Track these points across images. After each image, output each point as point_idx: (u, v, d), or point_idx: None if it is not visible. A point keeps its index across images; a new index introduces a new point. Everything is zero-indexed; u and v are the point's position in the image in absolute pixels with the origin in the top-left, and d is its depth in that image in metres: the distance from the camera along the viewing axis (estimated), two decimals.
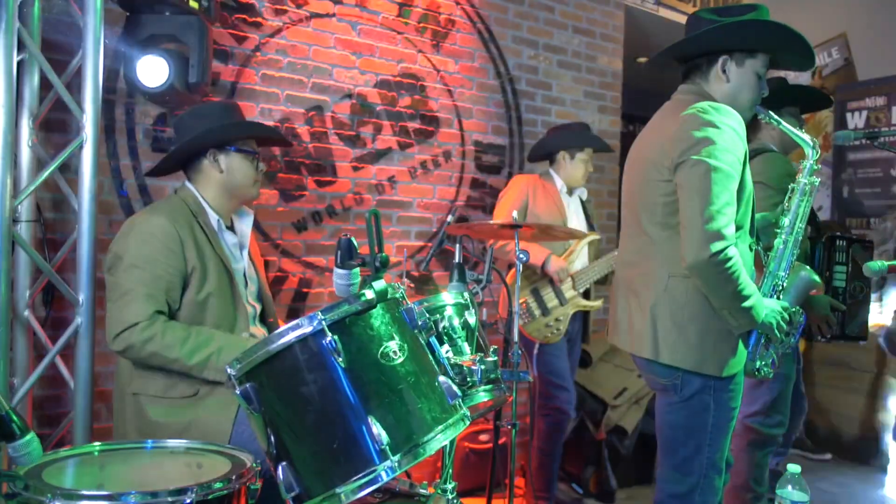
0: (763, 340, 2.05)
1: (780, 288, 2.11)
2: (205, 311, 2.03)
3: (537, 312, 3.10)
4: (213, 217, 2.13)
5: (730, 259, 1.80)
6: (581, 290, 3.17)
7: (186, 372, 1.93)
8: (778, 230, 2.14)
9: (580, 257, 3.21)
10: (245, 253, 2.23)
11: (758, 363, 2.07)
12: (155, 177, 2.31)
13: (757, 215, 2.14)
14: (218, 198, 2.16)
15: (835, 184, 4.59)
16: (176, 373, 1.95)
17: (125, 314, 1.92)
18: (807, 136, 2.17)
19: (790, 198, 2.16)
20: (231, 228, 2.22)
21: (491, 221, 2.99)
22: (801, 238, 2.14)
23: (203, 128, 2.10)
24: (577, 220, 3.28)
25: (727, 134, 1.86)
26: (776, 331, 1.96)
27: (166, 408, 1.97)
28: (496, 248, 3.04)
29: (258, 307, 2.25)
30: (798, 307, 2.12)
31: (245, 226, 2.26)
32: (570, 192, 3.28)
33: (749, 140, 2.13)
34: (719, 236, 1.79)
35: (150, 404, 1.98)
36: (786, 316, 1.99)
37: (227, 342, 1.95)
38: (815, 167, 2.15)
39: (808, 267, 2.27)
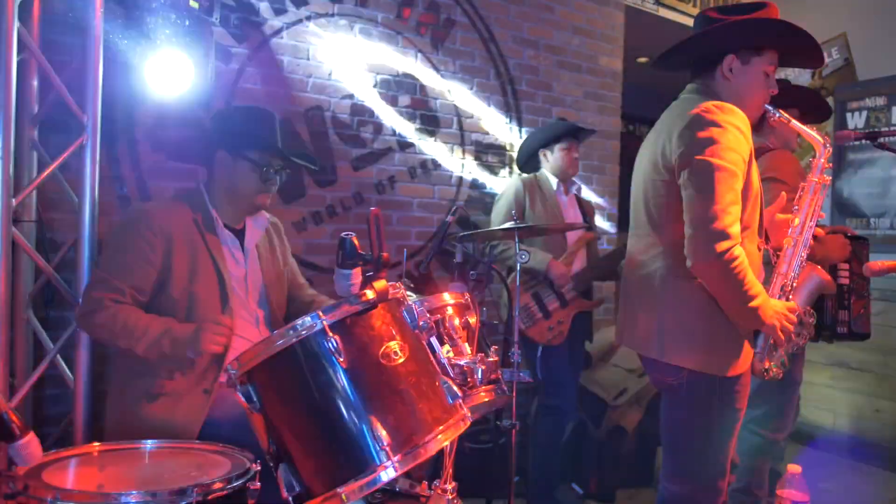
0: (771, 341, 2.03)
1: (790, 288, 2.09)
2: (186, 308, 2.01)
3: (539, 315, 3.10)
4: (214, 217, 2.12)
5: (735, 258, 1.79)
6: (581, 291, 3.17)
7: (138, 353, 1.91)
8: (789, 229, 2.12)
9: (579, 258, 3.21)
10: (247, 257, 2.20)
11: (766, 364, 2.04)
12: (178, 161, 2.45)
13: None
14: (222, 199, 2.15)
15: (835, 184, 4.59)
16: (155, 368, 1.94)
17: (85, 294, 2.00)
18: (818, 135, 2.14)
19: (801, 196, 2.14)
20: (241, 231, 2.20)
21: (492, 228, 2.98)
22: (810, 237, 2.12)
23: (226, 128, 2.15)
24: (573, 219, 3.28)
25: (731, 133, 1.85)
26: (779, 332, 1.94)
27: (143, 401, 1.95)
28: (496, 252, 3.07)
29: (261, 313, 2.20)
30: (809, 308, 2.10)
31: (257, 229, 2.23)
32: (567, 189, 3.28)
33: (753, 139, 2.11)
34: (724, 236, 1.78)
35: (132, 399, 1.97)
36: (792, 317, 1.97)
37: (178, 326, 1.93)
38: (826, 165, 2.13)
39: (819, 267, 2.21)
